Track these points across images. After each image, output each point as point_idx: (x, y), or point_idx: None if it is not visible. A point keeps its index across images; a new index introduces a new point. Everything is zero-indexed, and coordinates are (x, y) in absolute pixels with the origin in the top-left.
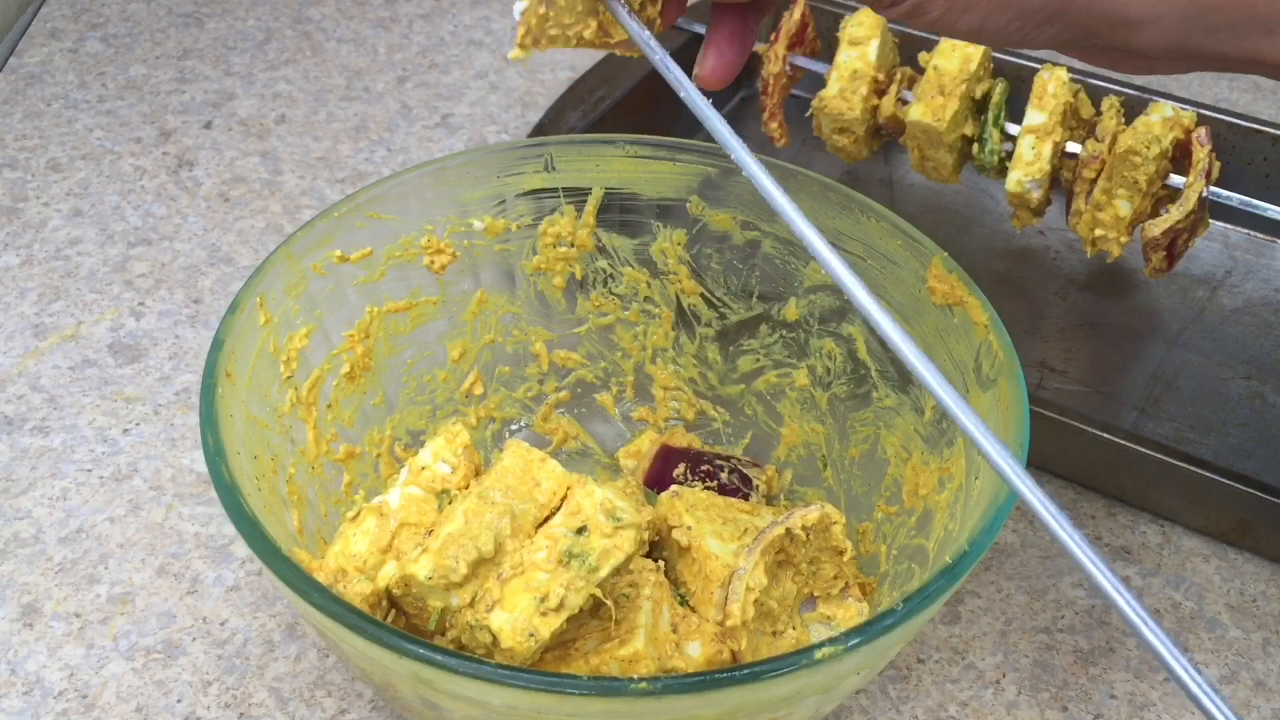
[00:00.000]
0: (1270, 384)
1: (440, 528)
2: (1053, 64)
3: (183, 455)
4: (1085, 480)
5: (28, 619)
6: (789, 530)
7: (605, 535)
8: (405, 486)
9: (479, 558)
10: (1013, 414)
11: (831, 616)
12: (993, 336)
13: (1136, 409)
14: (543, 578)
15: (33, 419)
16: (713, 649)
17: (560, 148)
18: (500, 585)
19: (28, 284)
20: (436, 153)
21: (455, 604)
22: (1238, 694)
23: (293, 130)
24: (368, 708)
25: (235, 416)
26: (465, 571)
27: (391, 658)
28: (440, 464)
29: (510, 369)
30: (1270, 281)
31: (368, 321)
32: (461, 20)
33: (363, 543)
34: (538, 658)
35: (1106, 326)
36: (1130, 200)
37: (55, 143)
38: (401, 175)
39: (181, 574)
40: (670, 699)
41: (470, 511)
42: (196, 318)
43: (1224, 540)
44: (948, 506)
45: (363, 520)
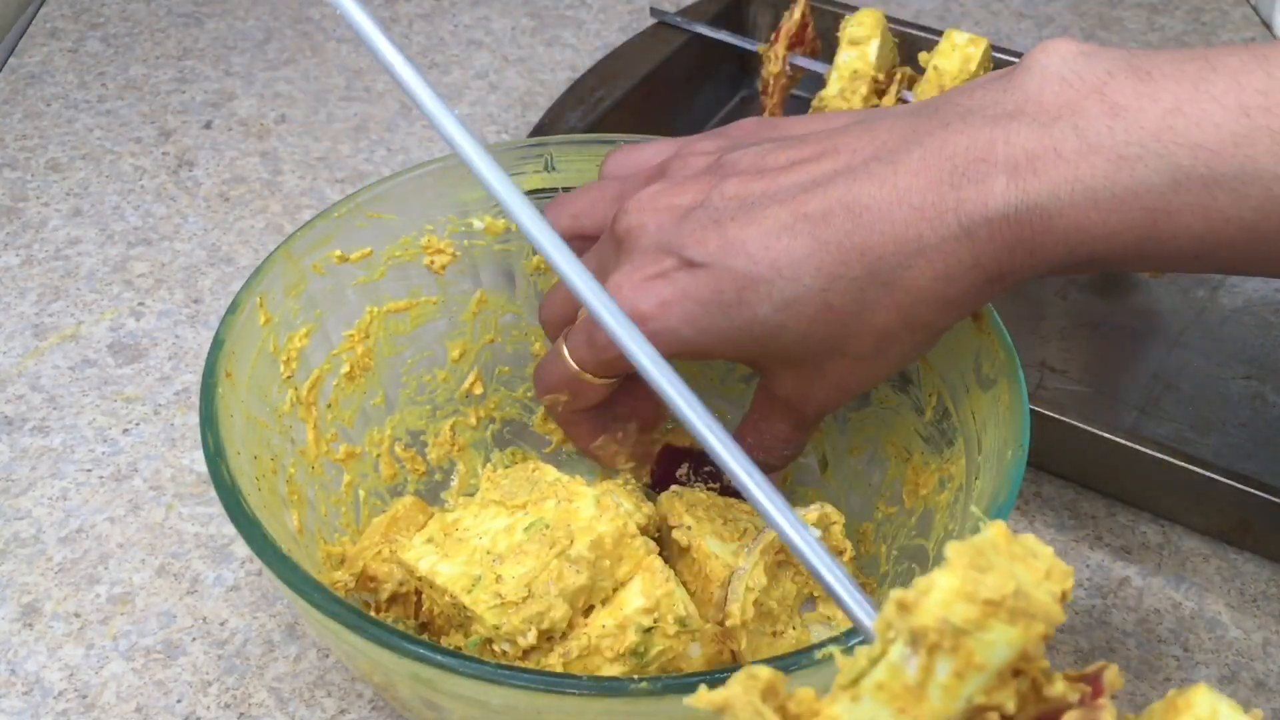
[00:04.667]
0: (1270, 384)
1: (510, 561)
2: None
3: (183, 455)
4: (1085, 480)
5: (28, 619)
6: None
7: (668, 637)
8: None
9: (551, 628)
10: (1013, 414)
11: (831, 616)
12: (993, 336)
13: (1136, 409)
14: (602, 667)
15: (33, 419)
16: (713, 649)
17: (560, 148)
18: (562, 664)
19: (28, 284)
20: (436, 153)
21: (503, 648)
22: (1238, 694)
23: (293, 130)
24: (368, 708)
25: (235, 416)
26: (533, 641)
27: (391, 658)
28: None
29: (510, 369)
30: (1270, 281)
31: (368, 321)
32: (461, 20)
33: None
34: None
35: (1106, 326)
36: None
37: (55, 143)
38: (401, 175)
39: (181, 574)
40: (670, 699)
41: (552, 571)
42: (196, 318)
43: (1224, 540)
44: (948, 506)
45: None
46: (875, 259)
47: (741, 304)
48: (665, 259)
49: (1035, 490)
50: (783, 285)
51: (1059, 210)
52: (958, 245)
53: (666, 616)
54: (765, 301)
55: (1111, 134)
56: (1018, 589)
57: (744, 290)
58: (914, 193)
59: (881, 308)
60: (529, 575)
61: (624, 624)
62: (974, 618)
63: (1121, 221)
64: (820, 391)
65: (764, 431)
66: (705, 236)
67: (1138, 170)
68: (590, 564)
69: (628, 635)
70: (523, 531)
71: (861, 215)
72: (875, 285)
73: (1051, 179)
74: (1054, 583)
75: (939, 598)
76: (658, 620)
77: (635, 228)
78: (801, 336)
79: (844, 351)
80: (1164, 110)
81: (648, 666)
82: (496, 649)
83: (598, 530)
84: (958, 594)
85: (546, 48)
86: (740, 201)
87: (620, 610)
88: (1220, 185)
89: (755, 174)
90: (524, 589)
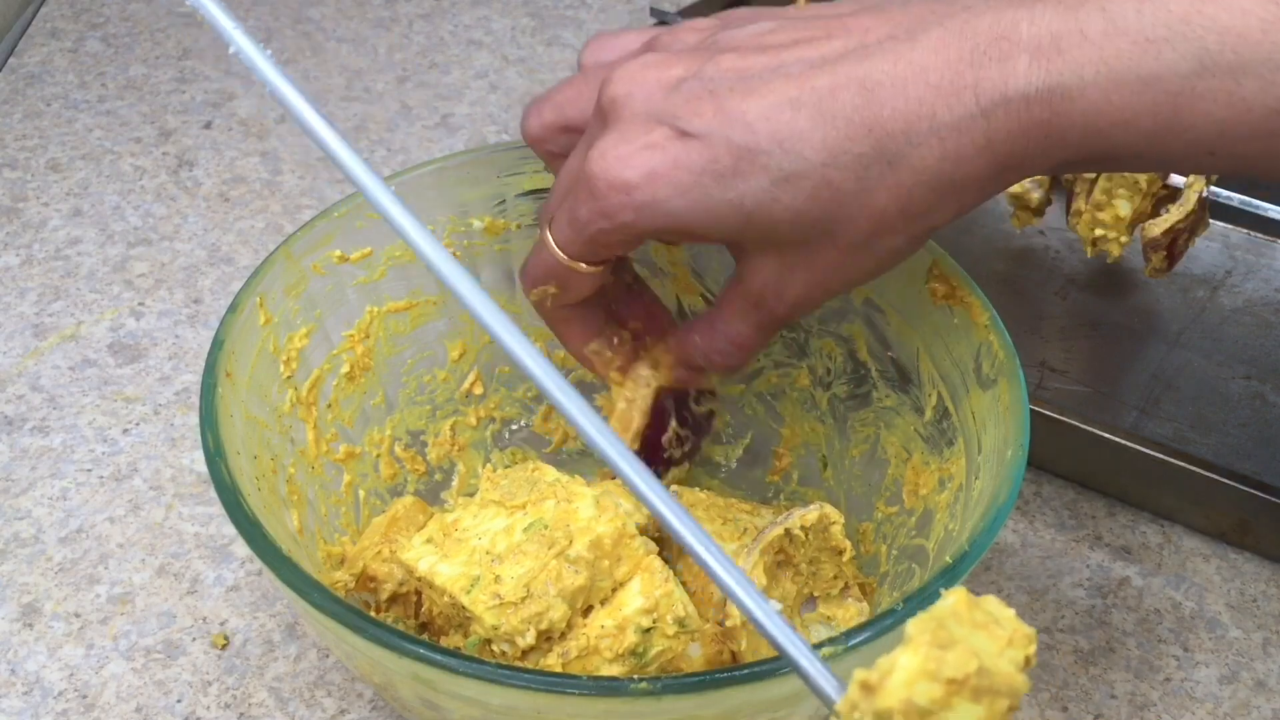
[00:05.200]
0: (1270, 384)
1: (509, 561)
2: None
3: (183, 455)
4: (1085, 480)
5: (28, 619)
6: (788, 530)
7: (667, 637)
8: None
9: (550, 629)
10: (1013, 414)
11: (831, 616)
12: (993, 336)
13: (1136, 409)
14: (601, 667)
15: (33, 419)
16: (713, 649)
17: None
18: (561, 665)
19: (28, 284)
20: (436, 153)
21: (502, 649)
22: (1238, 694)
23: (293, 130)
24: (368, 708)
25: (235, 416)
26: (532, 641)
27: (391, 658)
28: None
29: (510, 369)
30: (1270, 281)
31: (368, 321)
32: (461, 20)
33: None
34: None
35: (1106, 326)
36: (1130, 200)
37: (55, 143)
38: (401, 175)
39: (181, 574)
40: (670, 699)
41: (551, 571)
42: (196, 318)
43: (1224, 540)
44: (948, 506)
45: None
46: (884, 135)
47: (737, 175)
48: (655, 128)
49: (1035, 490)
50: (782, 158)
51: (1081, 91)
52: (972, 124)
53: (665, 617)
54: (763, 173)
55: (1139, 16)
56: (980, 667)
57: (741, 161)
58: (931, 70)
59: (883, 188)
60: (528, 575)
61: (623, 624)
62: (938, 697)
63: (1144, 106)
64: (799, 283)
65: (719, 330)
66: (700, 107)
67: (1164, 53)
68: (589, 564)
69: (627, 635)
70: (522, 532)
71: (874, 91)
72: (880, 163)
73: (1076, 60)
74: (1016, 649)
75: (902, 678)
76: (657, 620)
77: (621, 96)
78: (795, 214)
79: (835, 236)
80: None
81: (647, 667)
82: (495, 649)
83: (597, 530)
84: (920, 673)
85: (546, 48)
86: (739, 74)
87: (619, 610)
88: (1247, 71)
89: (755, 49)
90: (523, 589)
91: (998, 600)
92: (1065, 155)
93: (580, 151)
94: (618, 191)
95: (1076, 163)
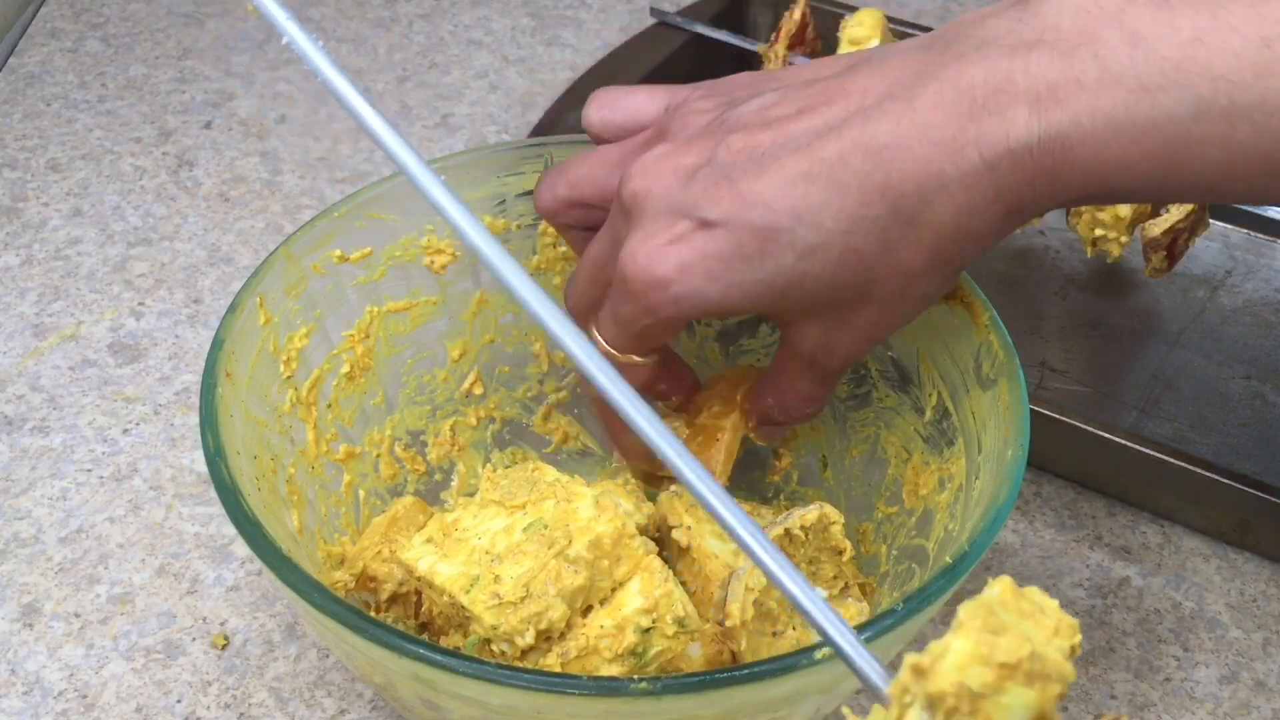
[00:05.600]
0: (1270, 384)
1: (508, 561)
2: None
3: (183, 455)
4: (1085, 480)
5: (28, 619)
6: (787, 530)
7: (667, 637)
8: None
9: (549, 628)
10: (1013, 414)
11: None
12: (993, 336)
13: (1136, 409)
14: (600, 667)
15: (33, 419)
16: (713, 649)
17: (560, 148)
18: (560, 664)
19: (28, 284)
20: (436, 153)
21: (501, 648)
22: (1238, 694)
23: (293, 130)
24: (368, 708)
25: (235, 416)
26: (531, 641)
27: (391, 658)
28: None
29: (510, 369)
30: (1270, 281)
31: (368, 321)
32: (461, 20)
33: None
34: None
35: (1106, 326)
36: None
37: (55, 143)
38: (402, 175)
39: (181, 574)
40: (670, 699)
41: (550, 571)
42: (196, 318)
43: (1224, 540)
44: (948, 506)
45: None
46: (897, 197)
47: (764, 256)
48: (679, 222)
49: (1035, 490)
50: (804, 232)
51: (1081, 140)
52: (980, 179)
53: (665, 617)
54: (788, 250)
55: (1133, 64)
56: (1033, 651)
57: (765, 242)
58: (933, 128)
59: (906, 246)
60: (527, 575)
61: (622, 624)
62: (991, 681)
63: (1142, 152)
64: (845, 341)
65: (785, 390)
66: (718, 194)
67: (1160, 101)
68: (589, 564)
69: (626, 635)
70: (521, 532)
71: (880, 154)
72: (898, 224)
73: (1073, 109)
74: (1062, 638)
75: (955, 661)
76: (656, 620)
77: (641, 192)
78: (827, 283)
79: (869, 296)
80: (1184, 40)
81: (646, 667)
82: (495, 649)
83: (596, 530)
84: (973, 657)
85: (546, 48)
86: (749, 155)
87: (619, 610)
88: (1241, 116)
89: (761, 126)
90: (522, 589)
91: (1040, 591)
92: (1069, 196)
93: (602, 242)
94: (655, 289)
95: (1086, 199)
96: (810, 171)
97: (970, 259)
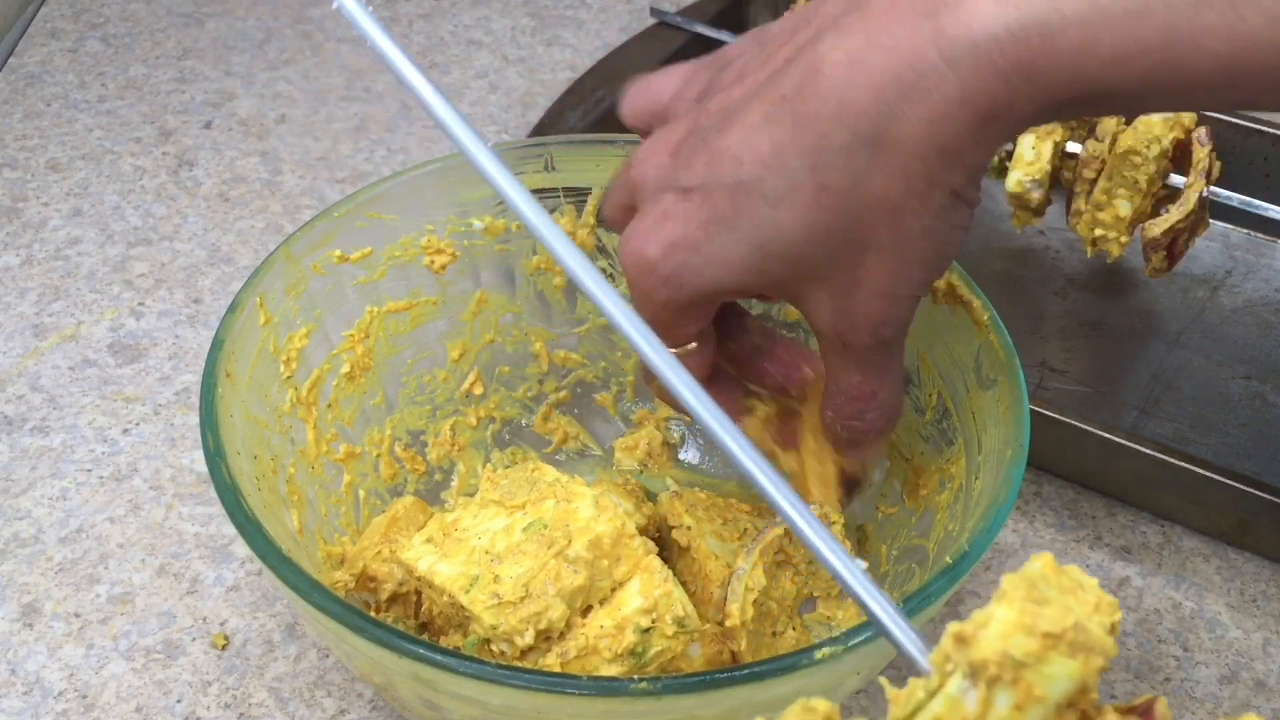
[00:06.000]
0: (1270, 384)
1: (508, 561)
2: None
3: (183, 455)
4: (1085, 480)
5: (28, 619)
6: (787, 530)
7: (666, 637)
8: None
9: (549, 628)
10: (1013, 414)
11: (831, 617)
12: (993, 336)
13: (1136, 409)
14: (600, 667)
15: (33, 419)
16: (713, 649)
17: (560, 148)
18: (560, 664)
19: (28, 284)
20: (436, 153)
21: (501, 648)
22: (1238, 694)
23: (293, 130)
24: (368, 708)
25: (235, 416)
26: (530, 641)
27: (391, 658)
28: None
29: (510, 369)
30: (1270, 281)
31: (368, 321)
32: (461, 20)
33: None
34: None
35: (1106, 326)
36: (1130, 200)
37: (55, 143)
38: (402, 175)
39: (181, 574)
40: (670, 699)
41: (550, 571)
42: (196, 318)
43: (1224, 540)
44: (948, 507)
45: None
46: (855, 118)
47: (738, 213)
48: (664, 196)
49: (1035, 490)
50: (771, 179)
51: (1062, 28)
52: (941, 80)
53: (664, 617)
54: (760, 202)
55: None
56: (1077, 622)
57: (736, 198)
58: (884, 32)
59: (876, 174)
60: (527, 575)
61: (622, 624)
62: (1034, 650)
63: (1135, 42)
64: (863, 305)
65: (836, 394)
66: (693, 160)
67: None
68: (588, 564)
69: (626, 635)
70: (521, 532)
71: (833, 74)
72: (864, 149)
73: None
74: (1103, 615)
75: (998, 630)
76: (656, 621)
77: (639, 180)
78: (808, 232)
79: (862, 243)
80: None
81: (646, 667)
82: (494, 649)
83: (596, 530)
84: (1017, 626)
85: (546, 48)
86: (723, 113)
87: (618, 610)
88: (1249, 2)
89: (737, 81)
90: (521, 589)
91: (1080, 570)
92: (1052, 98)
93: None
94: (645, 273)
95: (1067, 106)
96: (772, 113)
97: (955, 180)
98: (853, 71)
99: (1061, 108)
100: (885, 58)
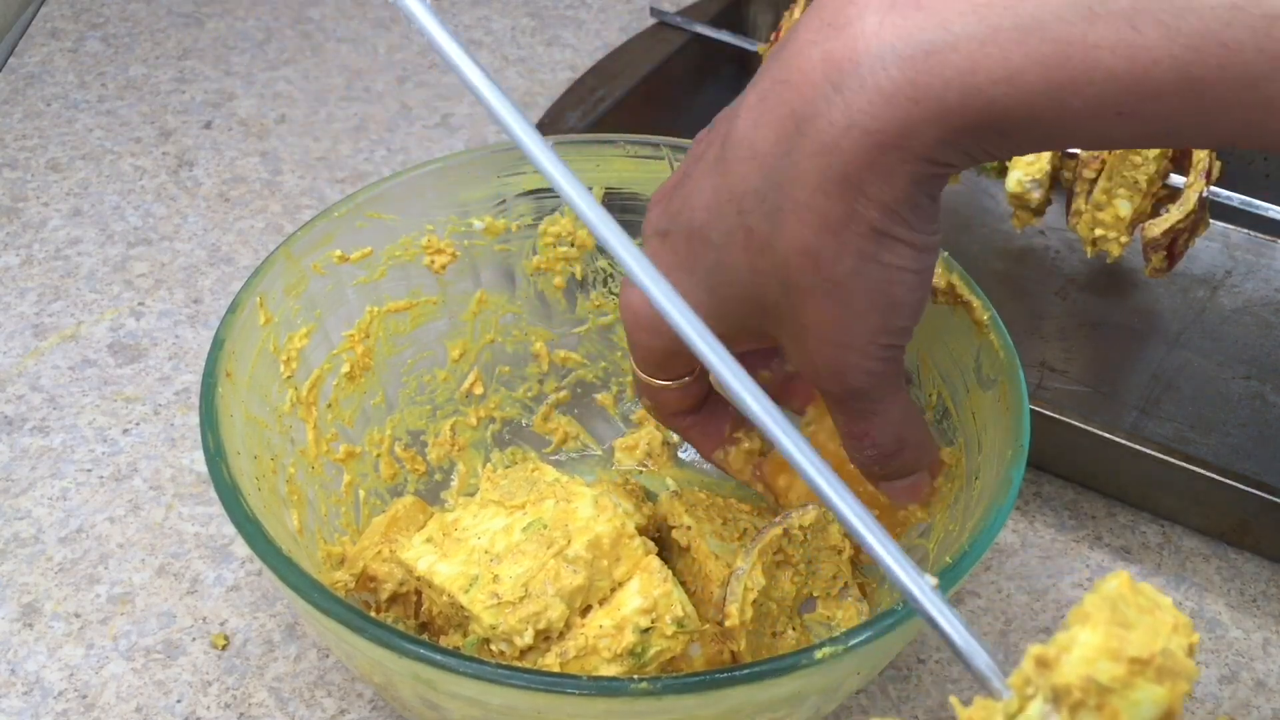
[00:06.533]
0: (1270, 384)
1: (508, 560)
2: None
3: (183, 455)
4: (1085, 480)
5: (28, 619)
6: (786, 530)
7: (666, 637)
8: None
9: (548, 628)
10: (1013, 414)
11: (831, 617)
12: (993, 336)
13: (1136, 409)
14: (599, 667)
15: (33, 419)
16: (712, 649)
17: (560, 148)
18: (559, 664)
19: (28, 284)
20: (436, 153)
21: (500, 648)
22: (1238, 694)
23: (293, 130)
24: (368, 708)
25: (235, 416)
26: (530, 641)
27: (391, 658)
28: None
29: (510, 369)
30: (1270, 281)
31: (368, 321)
32: (461, 20)
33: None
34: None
35: (1106, 326)
36: (1130, 200)
37: (55, 143)
38: (402, 175)
39: (181, 574)
40: (670, 699)
41: (549, 571)
42: (196, 318)
43: (1224, 540)
44: (948, 507)
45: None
46: (762, 158)
47: (694, 257)
48: (650, 242)
49: (1035, 490)
50: (714, 224)
51: (950, 45)
52: (829, 107)
53: (664, 617)
54: (708, 247)
55: None
56: (1164, 647)
57: (692, 243)
58: (785, 68)
59: (788, 214)
60: (526, 575)
61: (621, 624)
62: (1120, 675)
63: (1026, 57)
64: (818, 354)
65: (840, 434)
66: (670, 204)
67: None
68: (588, 564)
69: (625, 635)
70: (521, 531)
71: (745, 117)
72: (772, 190)
73: (937, 10)
74: (1181, 636)
75: (1083, 654)
76: (655, 621)
77: (644, 236)
78: (752, 277)
79: (796, 286)
80: None
81: (646, 667)
82: (494, 649)
83: (595, 530)
84: (1102, 651)
85: (546, 48)
86: (695, 159)
87: (618, 610)
88: (1145, 15)
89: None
90: (521, 589)
91: (1153, 588)
92: (950, 123)
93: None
94: (627, 317)
95: (977, 133)
96: (714, 159)
97: (869, 217)
98: (760, 111)
99: (973, 134)
100: (783, 92)
